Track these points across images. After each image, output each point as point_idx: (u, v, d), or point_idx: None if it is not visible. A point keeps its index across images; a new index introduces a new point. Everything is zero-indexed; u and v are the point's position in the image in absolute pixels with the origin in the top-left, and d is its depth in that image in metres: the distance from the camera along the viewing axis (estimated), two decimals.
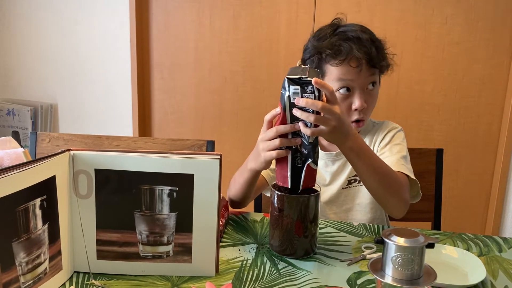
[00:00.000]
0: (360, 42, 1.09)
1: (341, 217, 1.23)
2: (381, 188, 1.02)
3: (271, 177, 1.21)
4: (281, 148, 0.92)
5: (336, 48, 1.09)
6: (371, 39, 1.11)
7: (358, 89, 1.11)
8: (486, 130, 2.14)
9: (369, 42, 1.10)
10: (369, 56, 1.09)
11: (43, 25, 2.40)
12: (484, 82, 2.09)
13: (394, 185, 1.03)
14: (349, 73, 1.10)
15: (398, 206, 1.05)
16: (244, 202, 1.15)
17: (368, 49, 1.09)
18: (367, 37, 1.10)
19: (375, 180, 1.00)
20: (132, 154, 0.82)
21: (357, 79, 1.10)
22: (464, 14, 2.03)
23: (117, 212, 0.84)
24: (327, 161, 1.22)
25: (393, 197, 1.03)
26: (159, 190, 0.83)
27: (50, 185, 0.78)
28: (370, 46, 1.09)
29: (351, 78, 1.10)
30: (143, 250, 0.86)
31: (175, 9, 2.26)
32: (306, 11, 2.13)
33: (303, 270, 0.89)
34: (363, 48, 1.09)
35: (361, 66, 1.09)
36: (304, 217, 0.93)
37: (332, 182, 1.23)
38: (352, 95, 1.12)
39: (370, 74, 1.11)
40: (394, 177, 1.03)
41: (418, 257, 0.72)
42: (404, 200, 1.05)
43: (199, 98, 2.32)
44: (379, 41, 1.14)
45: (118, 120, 2.43)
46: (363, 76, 1.10)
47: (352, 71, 1.09)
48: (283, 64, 2.20)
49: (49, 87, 2.48)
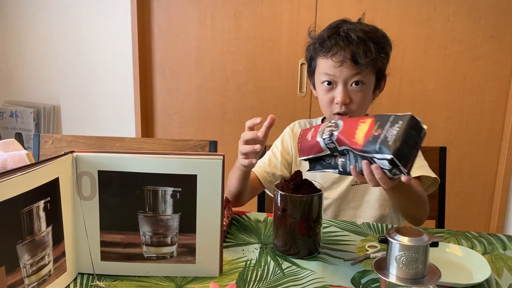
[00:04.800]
0: (348, 39, 1.10)
1: (350, 214, 1.24)
2: (412, 208, 1.13)
3: (268, 181, 1.23)
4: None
5: (322, 41, 1.13)
6: (365, 38, 1.10)
7: (340, 84, 1.12)
8: (489, 128, 2.13)
9: (359, 40, 1.09)
10: (352, 53, 1.09)
11: (45, 27, 2.40)
12: (487, 80, 2.08)
13: (420, 203, 1.13)
14: (331, 68, 1.12)
15: (423, 218, 1.17)
16: (240, 198, 1.16)
17: (354, 47, 1.09)
18: (360, 35, 1.09)
19: (410, 206, 1.12)
20: (134, 155, 0.82)
21: (339, 75, 1.11)
22: (466, 11, 2.03)
23: (121, 214, 0.84)
24: None
25: (419, 211, 1.15)
26: (162, 191, 0.83)
27: (54, 187, 0.78)
28: (358, 45, 1.09)
29: (333, 73, 1.12)
30: (147, 251, 0.86)
31: (176, 9, 2.26)
32: (307, 10, 2.13)
33: (307, 270, 0.89)
34: (350, 45, 1.09)
35: (343, 62, 1.09)
36: (308, 217, 0.93)
37: (342, 179, 1.23)
38: (335, 89, 1.14)
39: (354, 72, 1.11)
40: (421, 195, 1.12)
41: (422, 256, 0.72)
42: (427, 212, 1.16)
43: (201, 98, 2.33)
44: (378, 43, 1.12)
45: (120, 121, 2.44)
46: (345, 72, 1.11)
47: (334, 66, 1.11)
48: (285, 63, 2.20)
49: (52, 88, 2.48)
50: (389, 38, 1.16)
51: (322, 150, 0.88)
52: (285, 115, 2.21)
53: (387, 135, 0.79)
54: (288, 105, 2.23)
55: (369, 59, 1.09)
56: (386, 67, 1.18)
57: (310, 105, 2.20)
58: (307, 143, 0.91)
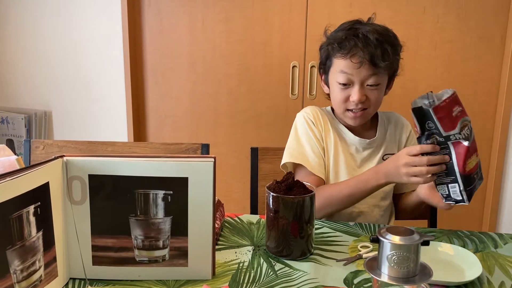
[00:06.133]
0: (367, 41, 1.12)
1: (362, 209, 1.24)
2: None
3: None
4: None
5: (342, 42, 1.15)
6: (382, 40, 1.13)
7: (357, 84, 1.15)
8: (480, 128, 2.14)
9: (377, 43, 1.12)
10: (371, 56, 1.11)
11: (36, 32, 2.39)
12: (477, 80, 2.10)
13: None
14: (350, 68, 1.14)
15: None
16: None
17: (373, 49, 1.11)
18: (377, 37, 1.12)
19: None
20: (125, 159, 0.82)
21: (357, 75, 1.14)
22: (455, 12, 2.04)
23: (112, 217, 0.84)
24: (358, 146, 1.26)
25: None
26: (153, 194, 0.83)
27: (44, 192, 0.77)
28: (376, 47, 1.11)
29: (351, 73, 1.15)
30: (139, 254, 0.85)
31: (167, 13, 2.26)
32: (298, 13, 2.14)
33: (300, 271, 0.89)
34: (368, 47, 1.12)
35: (362, 63, 1.12)
36: (300, 218, 0.93)
37: (361, 168, 1.24)
38: (352, 88, 1.16)
39: (371, 73, 1.14)
40: None
41: (413, 255, 0.72)
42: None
43: (193, 101, 2.32)
44: (393, 45, 1.15)
45: (113, 126, 2.43)
46: (363, 73, 1.14)
47: (353, 67, 1.13)
48: (277, 66, 2.21)
49: (43, 94, 2.47)
50: (398, 38, 1.19)
51: (455, 128, 0.94)
52: (277, 118, 2.21)
53: (476, 186, 0.99)
54: (280, 107, 2.24)
55: (387, 62, 1.12)
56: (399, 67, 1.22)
57: (302, 107, 2.21)
58: (451, 116, 0.94)
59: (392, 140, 1.29)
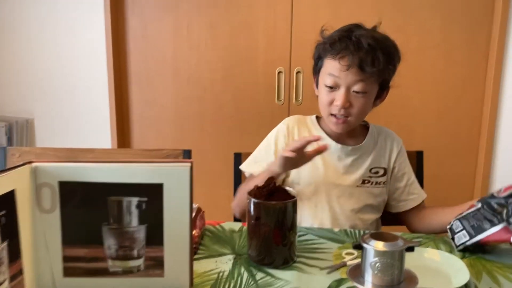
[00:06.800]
0: (359, 45, 1.09)
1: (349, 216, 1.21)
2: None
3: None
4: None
5: (334, 43, 1.12)
6: (375, 47, 1.09)
7: (343, 88, 1.12)
8: (466, 132, 2.14)
9: (369, 48, 1.08)
10: (360, 60, 1.08)
11: (18, 39, 2.35)
12: (463, 85, 2.10)
13: None
14: (337, 70, 1.11)
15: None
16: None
17: (363, 54, 1.08)
18: (370, 43, 1.08)
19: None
20: (97, 165, 0.78)
21: (344, 78, 1.11)
22: (440, 17, 2.05)
23: (84, 226, 0.80)
24: (341, 154, 1.22)
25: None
26: (127, 202, 0.79)
27: (9, 200, 0.73)
28: (367, 52, 1.08)
29: (338, 75, 1.11)
30: (113, 265, 0.81)
31: (151, 19, 2.23)
32: (283, 19, 2.13)
33: (281, 280, 0.86)
34: (359, 51, 1.08)
35: (349, 66, 1.09)
36: (282, 225, 0.90)
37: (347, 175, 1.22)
38: (337, 92, 1.13)
39: (358, 78, 1.10)
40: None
41: (397, 262, 0.69)
42: None
43: (178, 108, 2.29)
44: (388, 54, 1.11)
45: (97, 134, 2.38)
46: (349, 77, 1.10)
47: (341, 69, 1.10)
48: (262, 72, 2.18)
49: (25, 102, 2.42)
50: (399, 50, 1.16)
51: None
52: (263, 124, 2.19)
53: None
54: (266, 113, 2.21)
55: (375, 69, 1.09)
56: (391, 78, 1.18)
57: (288, 113, 2.19)
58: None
59: (381, 154, 1.25)
